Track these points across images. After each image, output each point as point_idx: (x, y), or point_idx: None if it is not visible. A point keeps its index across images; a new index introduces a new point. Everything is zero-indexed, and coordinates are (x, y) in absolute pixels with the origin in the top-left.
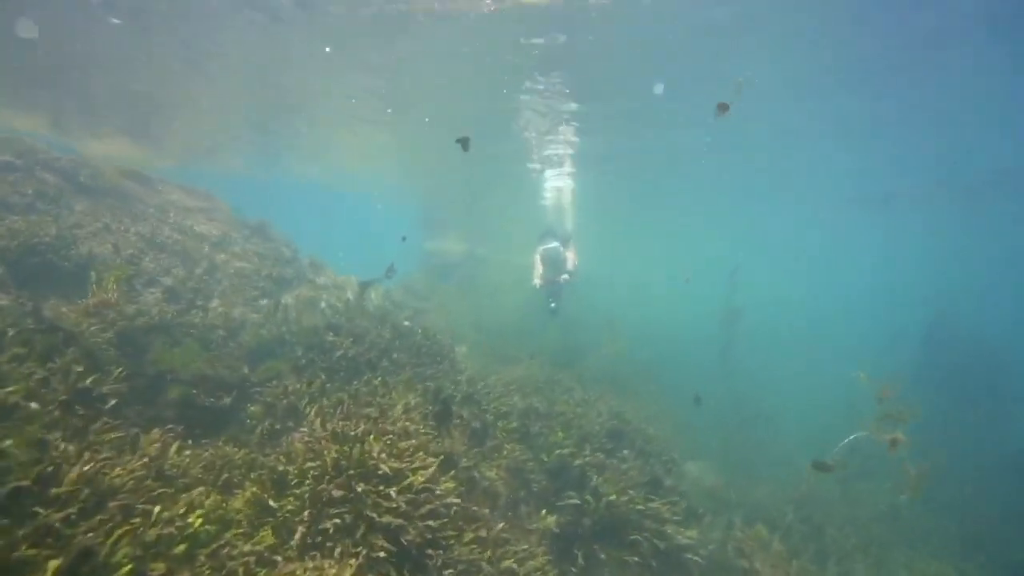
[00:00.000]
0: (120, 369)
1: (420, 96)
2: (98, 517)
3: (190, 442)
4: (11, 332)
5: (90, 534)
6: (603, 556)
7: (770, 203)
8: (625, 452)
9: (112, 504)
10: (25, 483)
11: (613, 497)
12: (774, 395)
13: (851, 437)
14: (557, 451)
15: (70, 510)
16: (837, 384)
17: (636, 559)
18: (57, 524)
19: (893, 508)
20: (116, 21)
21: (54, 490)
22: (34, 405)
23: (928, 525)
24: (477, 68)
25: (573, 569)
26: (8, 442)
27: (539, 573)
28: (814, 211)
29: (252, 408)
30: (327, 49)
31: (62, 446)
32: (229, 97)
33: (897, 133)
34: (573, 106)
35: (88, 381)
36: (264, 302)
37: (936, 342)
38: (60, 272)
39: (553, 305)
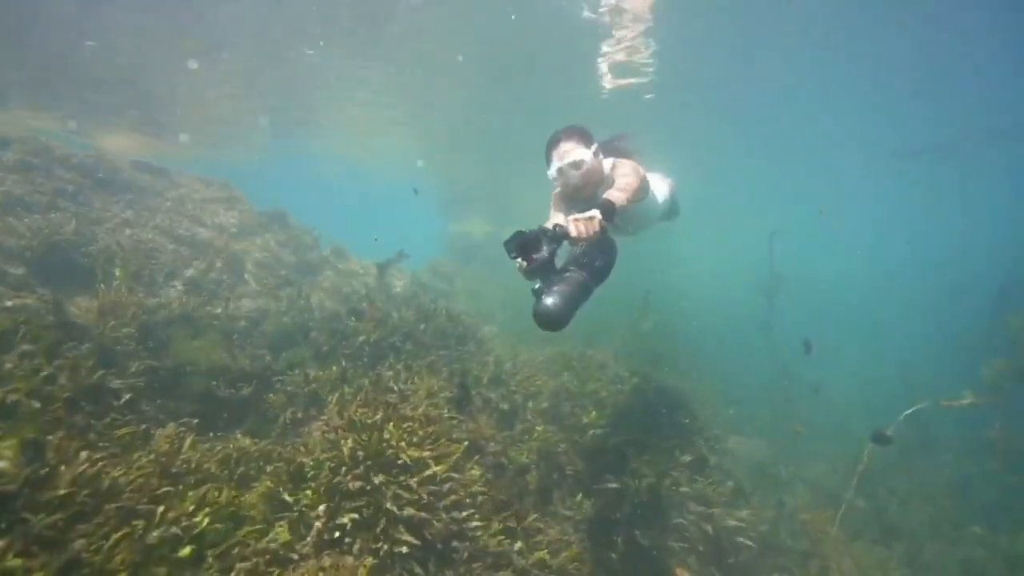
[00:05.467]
0: (137, 363)
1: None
2: (95, 521)
3: (211, 434)
4: (23, 329)
5: (82, 540)
6: (645, 542)
7: (811, 162)
8: (665, 430)
9: (111, 506)
10: (11, 488)
11: (654, 479)
12: (824, 366)
13: (914, 407)
14: (591, 431)
15: (58, 515)
16: (892, 353)
17: (682, 544)
18: (47, 531)
19: (962, 481)
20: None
21: (48, 494)
22: (36, 404)
23: (1006, 500)
24: None
25: (613, 556)
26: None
27: (574, 564)
28: (853, 167)
29: (272, 397)
30: (320, 43)
31: (62, 446)
32: (239, 85)
33: (961, 77)
34: None
35: (95, 376)
36: (286, 290)
37: (1012, 297)
38: (81, 269)
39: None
